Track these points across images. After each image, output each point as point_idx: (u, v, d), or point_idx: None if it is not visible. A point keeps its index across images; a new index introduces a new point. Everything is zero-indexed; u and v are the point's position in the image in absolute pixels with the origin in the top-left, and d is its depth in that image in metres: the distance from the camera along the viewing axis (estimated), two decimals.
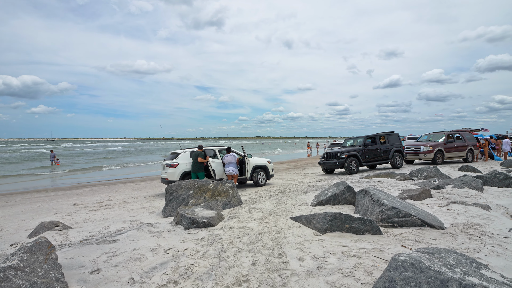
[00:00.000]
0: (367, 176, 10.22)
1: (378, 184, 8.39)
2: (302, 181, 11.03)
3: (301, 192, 7.74)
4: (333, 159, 12.41)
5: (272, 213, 5.39)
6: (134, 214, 6.68)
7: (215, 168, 9.33)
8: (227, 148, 9.91)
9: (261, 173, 10.42)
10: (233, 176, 9.61)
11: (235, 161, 9.62)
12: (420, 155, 14.39)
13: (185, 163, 9.29)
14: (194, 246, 3.70)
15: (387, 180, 9.14)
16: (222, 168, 9.67)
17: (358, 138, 13.74)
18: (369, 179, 9.52)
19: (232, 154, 9.67)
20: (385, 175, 9.72)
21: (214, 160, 9.55)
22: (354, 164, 12.09)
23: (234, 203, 6.48)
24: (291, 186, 9.41)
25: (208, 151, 9.87)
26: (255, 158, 10.62)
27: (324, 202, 6.04)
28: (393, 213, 4.64)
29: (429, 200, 6.34)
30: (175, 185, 6.73)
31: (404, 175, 9.26)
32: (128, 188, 12.15)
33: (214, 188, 6.68)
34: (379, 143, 13.14)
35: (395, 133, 13.79)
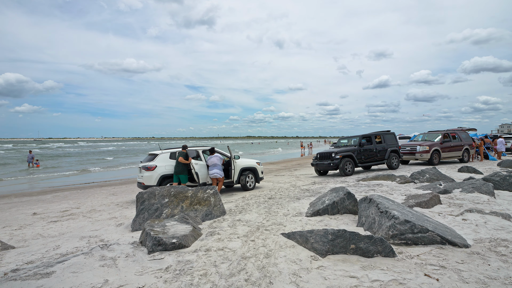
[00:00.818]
0: (365, 178, 9.45)
1: (378, 188, 7.61)
2: (295, 184, 10.18)
3: (293, 198, 6.87)
4: (327, 160, 11.62)
5: (260, 227, 4.49)
6: (98, 228, 5.67)
7: (198, 171, 8.36)
8: (211, 149, 8.97)
9: (249, 175, 9.51)
10: (218, 179, 8.68)
11: (220, 163, 8.69)
12: (416, 155, 13.78)
13: (164, 166, 8.29)
14: (154, 282, 2.76)
15: (387, 183, 8.38)
16: (206, 171, 8.71)
17: (352, 137, 13.00)
18: (367, 182, 8.74)
19: (217, 155, 8.73)
20: (384, 177, 8.97)
21: (197, 162, 8.58)
22: (349, 165, 11.33)
23: (216, 214, 5.54)
24: (282, 190, 8.54)
25: (190, 152, 8.90)
26: (243, 160, 9.71)
27: (321, 211, 5.18)
28: (406, 228, 3.81)
29: (439, 207, 5.57)
30: (147, 192, 5.75)
31: (405, 178, 8.52)
32: (103, 192, 11.04)
33: (193, 196, 5.73)
34: (375, 142, 12.42)
35: (391, 132, 13.11)
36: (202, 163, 8.75)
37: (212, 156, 8.75)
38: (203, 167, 8.68)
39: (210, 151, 8.93)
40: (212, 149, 8.97)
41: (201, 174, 8.53)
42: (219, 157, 8.69)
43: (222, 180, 8.71)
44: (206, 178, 8.71)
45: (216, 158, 8.64)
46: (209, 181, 8.82)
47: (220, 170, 8.61)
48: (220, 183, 8.70)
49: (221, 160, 8.73)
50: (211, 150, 8.93)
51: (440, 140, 14.31)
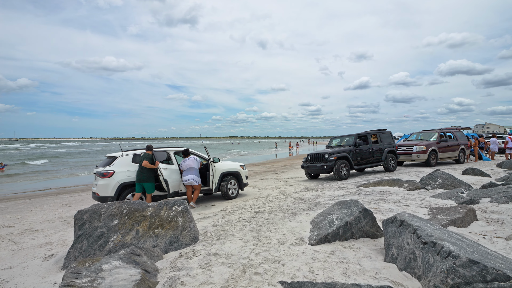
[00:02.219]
0: (366, 184, 8.19)
1: (387, 197, 6.34)
2: (284, 190, 8.78)
3: (287, 212, 5.45)
4: (319, 161, 10.31)
5: (247, 269, 3.01)
6: (17, 263, 4.00)
7: (168, 178, 6.75)
8: (185, 150, 7.40)
9: (231, 181, 8.00)
10: (194, 187, 7.13)
11: (197, 166, 7.15)
12: (412, 156, 12.77)
13: (124, 171, 6.63)
14: None
15: (394, 190, 7.15)
16: (178, 177, 7.12)
17: (345, 136, 11.78)
18: (370, 189, 7.47)
19: (192, 157, 7.17)
20: (389, 182, 7.73)
21: (168, 166, 6.97)
22: (344, 167, 10.07)
23: (184, 241, 4.01)
24: (271, 200, 7.11)
25: (160, 153, 7.28)
26: (224, 163, 8.20)
27: (331, 237, 3.78)
28: (474, 274, 2.46)
29: (477, 226, 4.31)
30: (89, 211, 4.14)
31: (414, 183, 7.32)
32: (56, 202, 9.19)
33: (154, 216, 4.18)
34: (371, 142, 11.26)
35: (387, 131, 12.01)
36: (174, 168, 7.15)
37: (186, 158, 7.19)
38: (175, 172, 7.09)
39: (184, 152, 7.36)
40: (186, 150, 7.40)
41: (172, 180, 6.93)
42: (195, 159, 7.14)
43: (199, 188, 7.16)
44: (178, 186, 7.13)
45: (192, 161, 7.09)
46: (182, 190, 7.24)
47: (196, 175, 7.06)
48: (197, 192, 7.15)
49: (198, 163, 7.18)
50: (185, 152, 7.36)
51: (436, 139, 13.40)
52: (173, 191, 6.87)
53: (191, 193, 7.20)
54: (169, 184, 6.64)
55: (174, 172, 7.04)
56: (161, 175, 6.58)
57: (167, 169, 6.80)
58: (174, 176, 7.01)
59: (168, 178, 6.68)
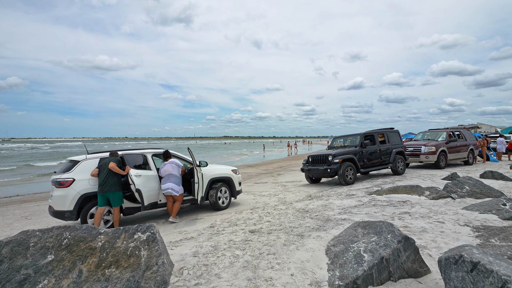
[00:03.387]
0: (378, 191, 7.05)
1: (409, 209, 5.21)
2: (284, 198, 7.60)
3: (292, 233, 4.26)
4: (322, 164, 9.16)
5: None
6: None
7: (142, 187, 5.47)
8: (165, 152, 6.15)
9: (222, 189, 6.78)
10: (175, 197, 5.90)
11: (178, 172, 5.91)
12: (421, 157, 11.73)
13: (87, 180, 5.35)
14: None
15: (414, 198, 6.03)
16: (157, 184, 5.88)
17: (349, 136, 10.66)
18: (385, 198, 6.33)
19: (172, 161, 5.93)
20: (406, 189, 6.61)
21: (142, 173, 5.69)
22: (350, 171, 8.94)
23: (148, 287, 2.78)
24: (269, 212, 5.92)
25: (134, 157, 6.01)
26: (214, 167, 6.97)
27: (361, 281, 2.60)
28: None
29: None
30: (12, 242, 2.89)
31: (437, 191, 6.21)
32: (16, 213, 7.83)
33: (106, 247, 2.94)
34: (378, 142, 10.15)
35: (395, 130, 10.93)
36: (152, 174, 5.89)
37: (166, 162, 5.94)
38: (152, 179, 5.83)
39: (164, 155, 6.12)
40: (166, 152, 6.15)
41: (149, 190, 5.65)
42: (175, 164, 5.89)
43: (180, 199, 5.92)
44: (157, 196, 5.88)
45: (172, 166, 5.85)
46: (162, 200, 6.00)
47: (176, 183, 5.83)
48: (177, 203, 5.92)
49: (179, 168, 5.94)
50: (165, 154, 6.12)
51: (445, 139, 12.39)
52: (149, 202, 5.61)
53: (171, 205, 5.96)
54: (143, 195, 5.36)
55: (150, 179, 5.78)
56: (133, 183, 5.30)
57: (140, 176, 5.51)
58: (151, 184, 5.75)
59: (142, 187, 5.40)
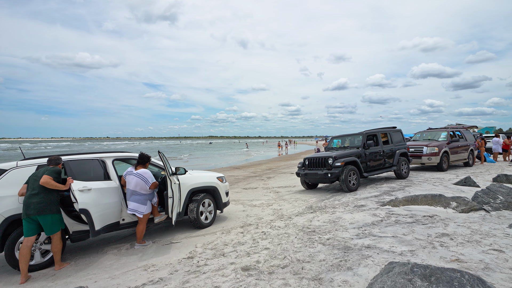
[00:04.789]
0: (393, 201, 5.93)
1: (445, 229, 4.09)
2: (280, 210, 6.35)
3: (302, 271, 3.02)
4: (321, 168, 7.98)
5: None
6: None
7: (90, 205, 3.91)
8: (141, 157, 4.69)
9: (205, 202, 5.43)
10: (140, 219, 4.51)
11: (146, 185, 4.51)
12: (422, 159, 10.83)
13: (14, 196, 3.88)
14: None
15: (441, 211, 4.94)
16: (116, 200, 4.44)
17: (349, 136, 9.56)
18: (404, 210, 5.21)
19: (142, 173, 4.50)
20: (427, 200, 5.53)
21: (93, 186, 4.14)
22: (353, 176, 7.82)
23: None
24: (266, 232, 4.67)
25: (85, 163, 4.51)
26: (195, 174, 5.60)
27: None
28: None
29: None
30: None
31: (465, 201, 5.16)
32: None
33: None
34: (381, 143, 9.11)
35: (397, 129, 9.94)
36: (110, 186, 4.43)
37: (133, 171, 4.54)
38: (109, 193, 4.35)
39: (140, 160, 4.67)
40: (142, 157, 4.70)
41: (103, 208, 4.17)
42: (143, 178, 4.42)
43: (145, 220, 4.52)
44: (117, 215, 4.45)
45: (136, 181, 4.42)
46: (127, 219, 4.60)
47: (141, 201, 4.42)
48: (140, 226, 4.51)
49: (146, 184, 4.49)
50: (140, 159, 4.67)
51: (447, 139, 11.58)
52: (104, 225, 4.15)
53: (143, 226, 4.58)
54: (92, 216, 3.88)
55: (107, 193, 4.31)
56: (76, 201, 3.82)
57: (90, 190, 4.03)
58: (108, 199, 4.29)
59: (91, 205, 3.91)
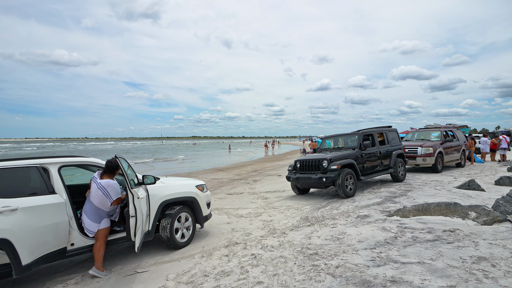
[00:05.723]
0: (401, 210, 5.17)
1: (476, 249, 3.34)
2: (271, 223, 5.45)
3: None
4: (315, 172, 7.16)
5: None
6: None
7: (17, 234, 2.82)
8: (107, 164, 3.66)
9: (181, 216, 4.43)
10: (95, 237, 3.51)
11: (107, 200, 3.50)
12: (417, 160, 10.30)
13: None
14: None
15: (459, 223, 4.22)
16: (63, 219, 3.38)
17: (342, 136, 8.81)
18: (417, 222, 4.45)
19: (106, 185, 3.50)
20: (441, 209, 4.81)
21: (23, 204, 2.99)
22: (350, 180, 7.05)
23: None
24: (257, 255, 3.76)
25: (16, 172, 3.39)
26: (169, 182, 4.59)
27: None
28: None
29: None
30: None
31: (486, 211, 4.47)
32: None
33: None
34: (378, 143, 8.42)
35: (393, 129, 9.31)
36: (52, 202, 3.35)
37: (95, 178, 3.53)
38: (49, 212, 3.27)
39: (106, 169, 3.64)
40: (108, 165, 3.65)
41: (38, 235, 3.04)
42: (106, 191, 3.45)
43: (102, 237, 3.54)
44: (62, 241, 3.39)
45: (98, 194, 3.44)
46: (77, 244, 3.55)
47: (96, 218, 3.43)
48: (98, 243, 3.53)
49: (108, 200, 3.50)
50: (107, 168, 3.63)
51: (440, 139, 11.13)
52: (35, 258, 3.03)
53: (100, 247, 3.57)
54: (16, 248, 2.76)
55: (44, 213, 3.21)
56: None
57: (15, 210, 2.92)
58: (43, 221, 3.17)
59: (12, 233, 2.77)
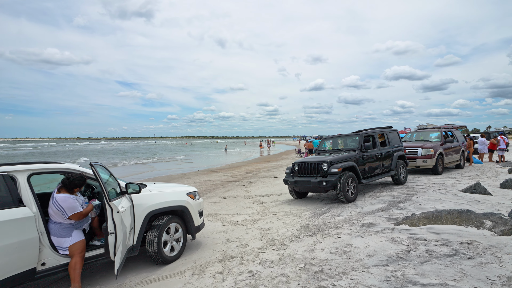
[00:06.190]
0: (407, 218, 4.81)
1: (498, 264, 2.99)
2: (269, 231, 5.05)
3: None
4: (314, 175, 6.78)
5: None
6: None
7: None
8: (64, 181, 3.17)
9: (170, 227, 4.00)
10: (69, 254, 3.06)
11: (63, 215, 3.06)
12: (417, 161, 10.01)
13: None
14: None
15: (475, 233, 3.88)
16: (32, 235, 2.93)
17: (342, 137, 8.45)
18: (427, 232, 4.09)
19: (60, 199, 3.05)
20: (453, 216, 4.47)
21: None
22: (352, 183, 6.69)
23: None
24: (254, 272, 3.35)
25: None
26: (157, 189, 4.14)
27: None
28: None
29: None
30: None
31: (501, 219, 4.14)
32: None
33: None
34: (379, 145, 8.08)
35: (393, 129, 8.98)
36: (22, 217, 2.89)
37: (53, 192, 3.08)
38: (18, 227, 2.82)
39: (62, 184, 3.21)
40: (65, 182, 3.17)
41: None
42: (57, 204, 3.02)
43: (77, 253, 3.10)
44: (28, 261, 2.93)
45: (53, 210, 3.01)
46: (49, 264, 3.09)
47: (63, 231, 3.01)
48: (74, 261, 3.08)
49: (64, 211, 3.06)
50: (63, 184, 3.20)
51: (440, 140, 10.87)
52: None
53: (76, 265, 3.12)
54: None
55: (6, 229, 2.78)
56: None
57: None
58: (7, 239, 2.71)
59: None
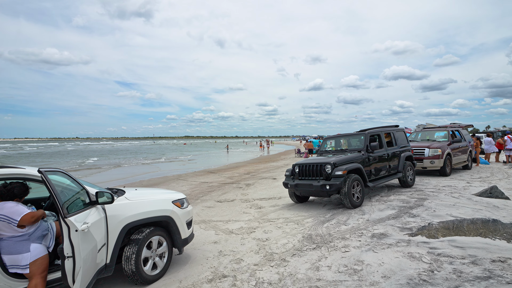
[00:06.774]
0: (424, 228, 4.27)
1: None
2: (267, 243, 4.49)
3: None
4: (317, 178, 6.23)
5: None
6: None
7: None
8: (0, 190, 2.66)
9: (151, 242, 3.44)
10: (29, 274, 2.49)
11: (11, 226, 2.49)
12: (424, 162, 9.48)
13: None
14: None
15: (506, 248, 3.34)
16: None
17: (345, 137, 7.90)
18: (449, 245, 3.55)
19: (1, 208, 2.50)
20: (475, 227, 3.92)
21: None
22: (357, 187, 6.15)
23: None
24: None
25: None
26: (137, 198, 3.56)
27: None
28: None
29: None
30: None
31: None
32: None
33: None
34: (385, 145, 7.53)
35: (400, 128, 8.44)
36: None
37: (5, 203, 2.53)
38: None
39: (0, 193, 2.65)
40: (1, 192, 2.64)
41: None
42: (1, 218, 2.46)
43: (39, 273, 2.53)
44: None
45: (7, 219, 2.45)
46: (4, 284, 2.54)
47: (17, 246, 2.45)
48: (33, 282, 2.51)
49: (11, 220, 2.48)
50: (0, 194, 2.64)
51: (448, 140, 10.34)
52: None
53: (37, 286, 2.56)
54: None
55: None
56: None
57: None
58: None
59: None
